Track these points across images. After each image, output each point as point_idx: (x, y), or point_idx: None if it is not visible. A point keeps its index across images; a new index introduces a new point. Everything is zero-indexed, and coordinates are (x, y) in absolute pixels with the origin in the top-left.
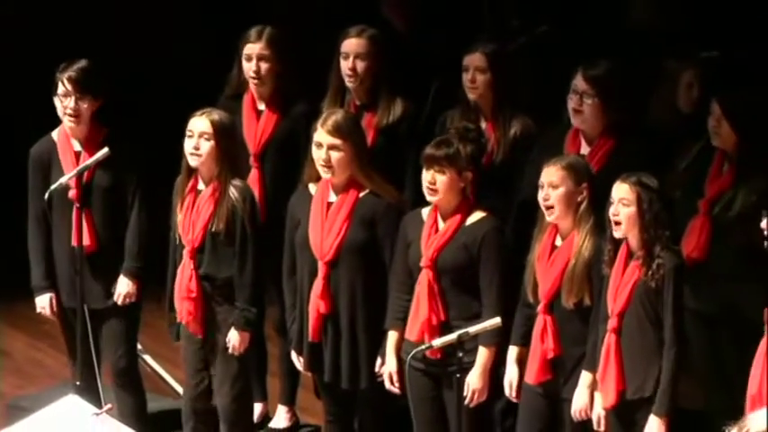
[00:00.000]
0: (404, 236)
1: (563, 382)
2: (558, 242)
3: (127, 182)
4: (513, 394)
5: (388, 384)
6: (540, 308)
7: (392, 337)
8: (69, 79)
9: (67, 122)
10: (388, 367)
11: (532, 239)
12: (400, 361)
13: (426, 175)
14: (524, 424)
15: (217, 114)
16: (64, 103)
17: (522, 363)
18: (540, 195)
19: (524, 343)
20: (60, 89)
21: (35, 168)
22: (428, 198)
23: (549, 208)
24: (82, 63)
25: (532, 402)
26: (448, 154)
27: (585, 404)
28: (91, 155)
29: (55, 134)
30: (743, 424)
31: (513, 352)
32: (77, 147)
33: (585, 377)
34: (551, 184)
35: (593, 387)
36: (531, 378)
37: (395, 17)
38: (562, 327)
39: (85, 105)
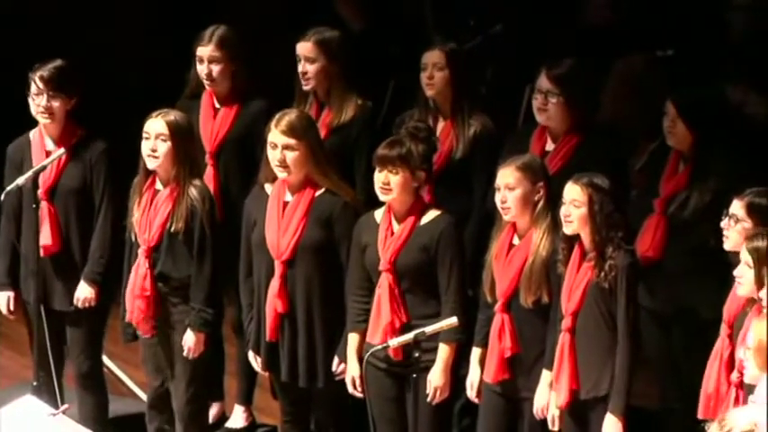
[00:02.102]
0: (358, 239)
1: (521, 380)
2: (516, 241)
3: (95, 185)
4: (474, 394)
5: (351, 389)
6: (497, 307)
7: (353, 340)
8: (41, 78)
9: (41, 120)
10: (350, 371)
11: (490, 239)
12: (362, 364)
13: (380, 176)
14: (483, 423)
15: (173, 115)
16: (36, 102)
17: (484, 363)
18: (497, 197)
19: (487, 344)
20: (33, 88)
21: (9, 166)
22: (381, 198)
23: (507, 209)
24: (55, 62)
25: (491, 401)
26: (401, 154)
27: (547, 403)
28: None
29: (32, 133)
30: (724, 423)
31: (475, 353)
32: (50, 146)
33: (546, 376)
34: (508, 186)
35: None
36: (489, 377)
37: (351, 17)
38: (520, 325)
39: (58, 104)
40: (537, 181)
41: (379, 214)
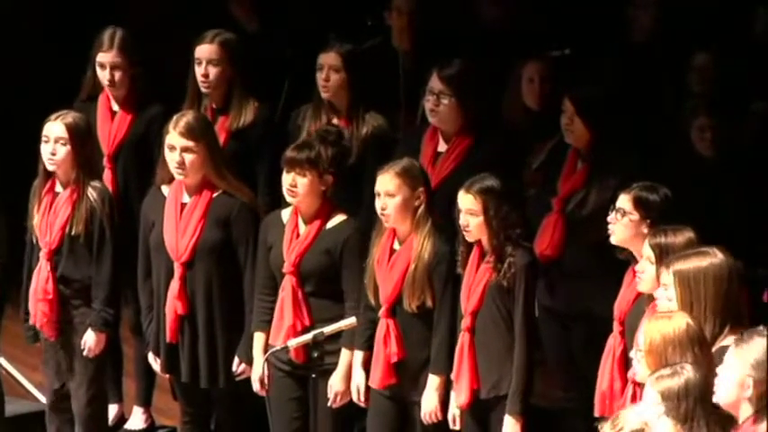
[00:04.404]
0: (264, 239)
1: (409, 384)
2: (397, 246)
3: None
4: (362, 399)
5: (256, 388)
6: (381, 312)
7: (258, 339)
8: None
9: None
10: (256, 370)
11: (370, 244)
12: (267, 363)
13: (287, 178)
14: (374, 428)
15: (71, 117)
16: None
17: (368, 367)
18: (378, 204)
19: (369, 347)
20: None
21: None
22: (288, 200)
23: (387, 215)
24: None
25: (380, 406)
26: (309, 157)
27: (435, 407)
28: None
29: None
30: (616, 422)
31: (358, 356)
32: None
33: (433, 380)
34: (387, 192)
35: (441, 389)
36: (375, 382)
37: (244, 17)
38: (405, 330)
39: None
40: (416, 186)
41: (285, 214)
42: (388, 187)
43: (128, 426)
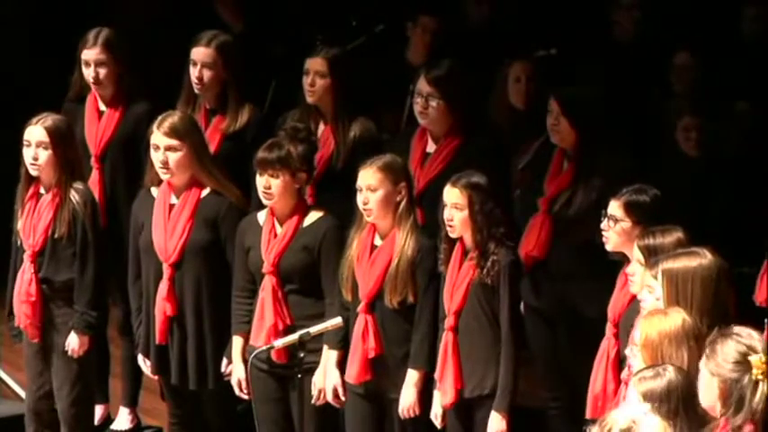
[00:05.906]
0: (241, 242)
1: (387, 381)
2: (378, 242)
3: None
4: (343, 399)
5: (237, 391)
6: (360, 307)
7: (237, 342)
8: None
9: None
10: (235, 374)
11: (349, 238)
12: (247, 366)
13: (261, 180)
14: (351, 425)
15: (51, 120)
16: None
17: (342, 366)
18: (359, 198)
19: (344, 347)
20: None
21: None
22: (265, 202)
23: (369, 210)
24: None
25: (356, 403)
26: (280, 156)
27: (412, 402)
28: None
29: None
30: (604, 423)
31: (333, 356)
32: None
33: (412, 375)
34: (369, 187)
35: (419, 384)
36: (351, 378)
37: (230, 18)
38: (383, 326)
39: None
40: (399, 181)
41: (261, 216)
42: (369, 182)
43: (114, 426)
